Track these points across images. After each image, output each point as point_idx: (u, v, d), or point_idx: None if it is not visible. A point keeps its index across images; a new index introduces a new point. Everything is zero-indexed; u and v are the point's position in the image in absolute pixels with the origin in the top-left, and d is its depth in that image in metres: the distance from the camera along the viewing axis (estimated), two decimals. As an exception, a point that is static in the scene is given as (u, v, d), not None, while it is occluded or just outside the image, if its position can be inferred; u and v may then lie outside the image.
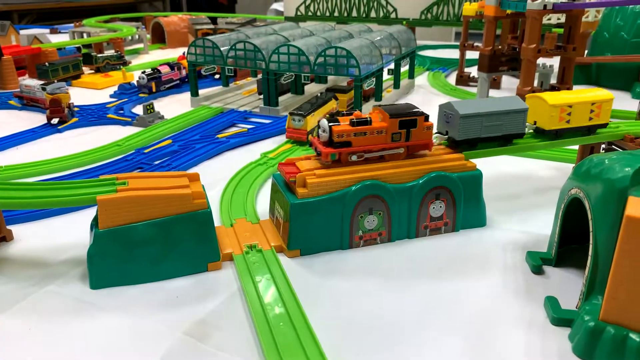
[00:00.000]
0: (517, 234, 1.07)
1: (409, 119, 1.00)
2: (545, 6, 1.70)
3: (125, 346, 0.75)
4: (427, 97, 2.29)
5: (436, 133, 1.10)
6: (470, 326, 0.79)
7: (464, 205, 1.06)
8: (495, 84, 2.39)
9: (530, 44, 1.76)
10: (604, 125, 1.18)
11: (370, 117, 0.99)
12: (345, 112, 1.00)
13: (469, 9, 2.42)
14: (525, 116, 1.10)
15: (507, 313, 0.82)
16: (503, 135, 1.10)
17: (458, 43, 2.60)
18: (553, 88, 2.01)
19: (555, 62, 2.28)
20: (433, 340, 0.76)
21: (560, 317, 0.78)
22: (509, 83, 2.45)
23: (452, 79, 2.64)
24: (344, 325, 0.80)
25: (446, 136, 1.10)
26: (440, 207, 1.05)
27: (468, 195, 1.06)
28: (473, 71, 2.44)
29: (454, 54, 3.04)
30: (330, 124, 0.97)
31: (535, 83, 2.08)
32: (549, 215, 0.99)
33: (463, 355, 0.73)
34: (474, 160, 1.08)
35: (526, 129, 1.12)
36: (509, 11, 2.00)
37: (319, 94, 1.73)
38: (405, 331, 0.78)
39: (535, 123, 1.15)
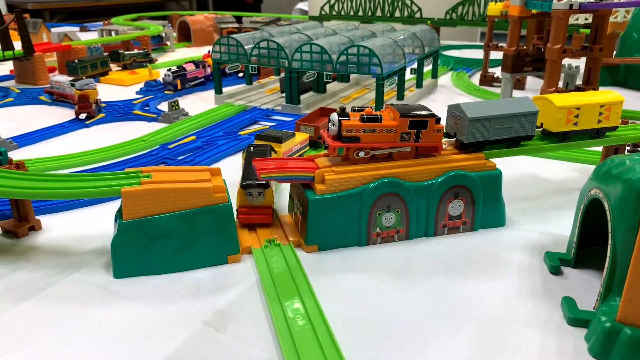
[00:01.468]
0: (536, 234, 1.06)
1: (419, 120, 0.99)
2: (571, 6, 1.68)
3: (146, 333, 0.78)
4: (450, 96, 2.28)
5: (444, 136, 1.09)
6: (485, 324, 0.80)
7: (483, 205, 1.06)
8: (520, 85, 2.36)
9: (556, 44, 1.74)
10: (614, 128, 1.16)
11: (381, 115, 0.99)
12: (357, 108, 1.01)
13: (493, 8, 2.39)
14: (535, 119, 1.08)
15: (523, 312, 0.82)
16: (512, 138, 1.09)
17: (483, 43, 2.58)
18: (578, 89, 1.98)
19: (582, 63, 2.25)
20: (448, 338, 0.77)
21: (576, 318, 0.78)
22: (534, 84, 2.42)
23: (475, 79, 2.63)
24: (359, 320, 0.81)
25: (454, 139, 1.09)
26: (459, 206, 1.05)
27: (487, 194, 1.06)
28: (497, 71, 2.42)
29: (479, 54, 3.02)
30: (340, 118, 0.97)
31: (561, 84, 2.05)
32: (569, 216, 0.98)
33: (477, 353, 0.74)
34: (493, 160, 1.08)
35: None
36: (534, 11, 1.98)
37: (250, 148, 1.20)
38: (420, 328, 0.79)
39: (542, 125, 1.14)
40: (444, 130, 1.06)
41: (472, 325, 0.79)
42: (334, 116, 0.98)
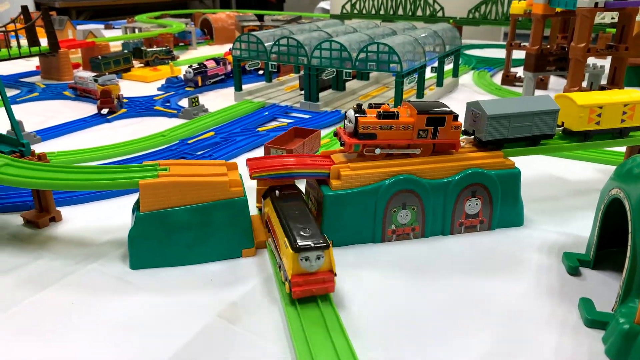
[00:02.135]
0: (554, 234, 1.04)
1: (437, 117, 0.98)
2: (596, 4, 1.65)
3: (160, 324, 0.79)
4: (470, 95, 2.25)
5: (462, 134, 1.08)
6: (501, 324, 0.79)
7: (501, 204, 1.05)
8: (543, 84, 2.33)
9: (580, 43, 1.71)
10: (639, 128, 1.13)
11: (397, 112, 0.98)
12: (374, 105, 1.00)
13: (517, 7, 2.36)
14: (555, 117, 1.06)
15: (539, 312, 0.81)
16: (531, 136, 1.07)
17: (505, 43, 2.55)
18: (603, 89, 1.94)
19: (607, 62, 2.21)
20: (462, 337, 0.76)
21: (594, 319, 0.77)
22: (557, 83, 2.38)
23: (497, 78, 2.59)
24: (372, 317, 0.80)
25: (472, 136, 1.08)
26: (477, 204, 1.04)
27: (505, 193, 1.04)
28: (520, 71, 2.38)
29: (501, 53, 2.98)
30: (356, 115, 0.97)
31: (585, 84, 2.02)
32: (588, 217, 0.97)
33: (493, 353, 0.73)
34: (512, 159, 1.06)
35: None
36: (558, 9, 1.95)
37: (276, 192, 0.97)
38: (434, 327, 0.78)
39: (563, 124, 1.11)
40: (463, 128, 1.04)
41: (488, 324, 0.78)
42: (351, 113, 0.98)
